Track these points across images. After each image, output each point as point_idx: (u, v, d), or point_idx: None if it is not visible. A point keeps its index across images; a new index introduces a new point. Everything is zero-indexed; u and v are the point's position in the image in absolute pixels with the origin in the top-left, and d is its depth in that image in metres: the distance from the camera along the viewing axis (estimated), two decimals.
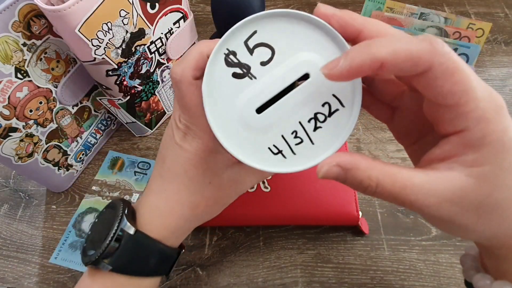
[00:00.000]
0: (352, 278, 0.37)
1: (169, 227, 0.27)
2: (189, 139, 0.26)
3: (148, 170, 0.45)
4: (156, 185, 0.28)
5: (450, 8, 0.64)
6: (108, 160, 0.46)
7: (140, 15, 0.35)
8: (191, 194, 0.27)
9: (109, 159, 0.46)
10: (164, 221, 0.27)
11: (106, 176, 0.45)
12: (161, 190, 0.27)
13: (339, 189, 0.38)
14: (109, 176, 0.44)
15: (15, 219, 0.42)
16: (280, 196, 0.38)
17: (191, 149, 0.26)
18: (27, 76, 0.33)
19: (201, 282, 0.37)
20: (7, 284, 0.38)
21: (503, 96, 0.52)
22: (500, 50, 0.57)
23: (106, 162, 0.46)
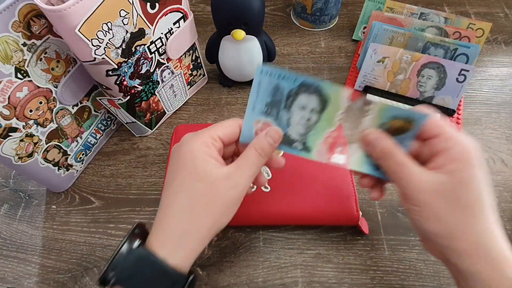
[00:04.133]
0: (352, 278, 0.37)
1: (170, 234, 0.27)
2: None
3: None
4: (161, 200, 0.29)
5: (450, 8, 0.64)
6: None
7: (140, 15, 0.35)
8: (185, 193, 0.27)
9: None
10: (166, 228, 0.27)
11: None
12: (161, 200, 0.28)
13: (339, 189, 0.39)
14: None
15: (15, 219, 0.42)
16: (280, 196, 0.38)
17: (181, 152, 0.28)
18: (27, 76, 0.33)
19: (201, 282, 0.37)
20: (7, 284, 0.38)
21: (503, 96, 0.53)
22: (500, 50, 0.57)
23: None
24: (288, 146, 0.29)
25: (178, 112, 0.51)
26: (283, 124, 0.29)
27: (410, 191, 0.26)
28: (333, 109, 0.28)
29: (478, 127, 0.48)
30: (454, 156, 0.25)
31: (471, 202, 0.25)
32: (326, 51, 0.58)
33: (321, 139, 0.29)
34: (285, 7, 0.65)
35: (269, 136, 0.28)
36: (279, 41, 0.59)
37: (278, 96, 0.28)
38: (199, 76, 0.51)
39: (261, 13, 0.42)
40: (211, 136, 0.28)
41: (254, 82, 0.28)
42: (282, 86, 0.28)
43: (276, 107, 0.28)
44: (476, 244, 0.24)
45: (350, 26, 0.61)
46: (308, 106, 0.28)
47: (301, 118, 0.28)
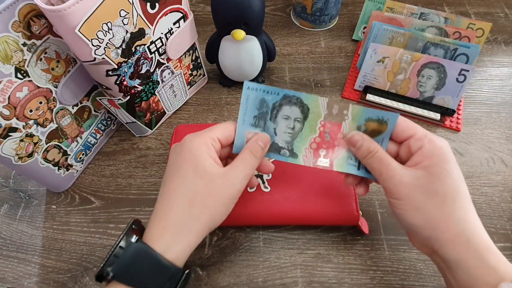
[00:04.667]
0: (352, 278, 0.37)
1: (168, 226, 0.28)
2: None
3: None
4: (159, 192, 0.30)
5: (450, 8, 0.64)
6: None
7: (140, 15, 0.35)
8: (185, 188, 0.28)
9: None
10: (163, 220, 0.28)
11: None
12: (160, 195, 0.30)
13: (339, 189, 0.39)
14: None
15: (15, 219, 0.42)
16: (280, 196, 0.38)
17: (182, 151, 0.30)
18: (27, 76, 0.33)
19: (201, 282, 0.37)
20: (7, 284, 0.38)
21: (503, 96, 0.53)
22: (500, 50, 0.57)
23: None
24: (277, 154, 0.32)
25: (178, 112, 0.51)
26: (270, 133, 0.32)
27: (392, 186, 0.28)
28: (315, 117, 0.31)
29: (478, 127, 0.48)
30: (428, 153, 0.28)
31: (448, 194, 0.27)
32: (326, 51, 0.58)
33: (306, 145, 0.32)
34: (285, 7, 0.65)
35: (260, 140, 0.31)
36: (279, 41, 0.59)
37: (264, 108, 0.31)
38: (199, 76, 0.51)
39: (261, 13, 0.42)
40: (211, 137, 0.30)
41: (242, 97, 0.31)
42: (267, 100, 0.31)
43: (263, 119, 0.31)
44: (457, 232, 0.26)
45: (350, 26, 0.61)
46: (292, 116, 0.31)
47: (286, 127, 0.32)
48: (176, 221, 0.28)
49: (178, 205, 0.28)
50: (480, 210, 0.41)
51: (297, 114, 0.31)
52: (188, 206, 0.28)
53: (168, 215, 0.28)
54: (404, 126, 0.30)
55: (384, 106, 0.50)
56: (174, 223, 0.28)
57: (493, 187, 0.43)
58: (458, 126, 0.48)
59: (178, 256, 0.27)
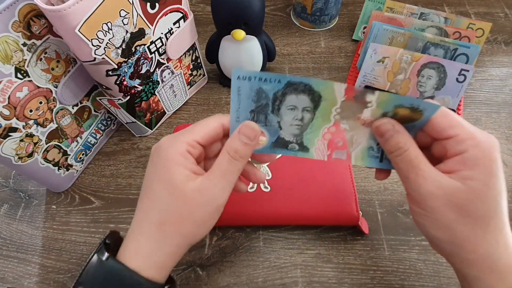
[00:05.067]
0: (352, 278, 0.37)
1: (139, 250, 0.26)
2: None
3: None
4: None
5: (450, 8, 0.64)
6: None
7: (140, 15, 0.35)
8: (155, 211, 0.26)
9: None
10: (134, 243, 0.26)
11: None
12: (135, 212, 0.28)
13: (339, 189, 0.39)
14: None
15: (15, 219, 0.42)
16: (280, 196, 0.38)
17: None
18: (27, 76, 0.33)
19: (201, 282, 0.37)
20: (7, 284, 0.38)
21: (503, 96, 0.53)
22: (500, 50, 0.57)
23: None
24: (285, 149, 0.28)
25: (178, 112, 0.51)
26: (274, 128, 0.27)
27: (418, 195, 0.24)
28: (329, 105, 0.26)
29: (478, 127, 0.48)
30: (471, 162, 0.23)
31: (485, 216, 0.23)
32: (326, 51, 0.58)
33: (318, 136, 0.27)
34: (285, 7, 0.65)
35: (242, 133, 0.26)
36: (279, 41, 0.59)
37: (263, 100, 0.26)
38: (199, 76, 0.51)
39: (261, 13, 0.42)
40: (189, 143, 0.26)
41: (232, 90, 0.26)
42: (265, 89, 0.25)
43: (263, 113, 0.27)
44: (485, 256, 0.24)
45: (350, 26, 0.61)
46: (299, 106, 0.26)
47: (293, 118, 0.27)
48: (147, 246, 0.26)
49: (147, 229, 0.26)
50: None
51: (305, 103, 0.26)
52: (158, 230, 0.26)
53: (139, 238, 0.26)
54: (445, 123, 0.24)
55: None
56: (145, 248, 0.26)
57: None
58: None
59: (152, 275, 0.26)
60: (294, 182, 0.39)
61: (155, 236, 0.26)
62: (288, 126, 0.27)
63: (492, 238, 0.23)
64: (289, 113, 0.27)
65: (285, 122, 0.27)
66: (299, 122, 0.27)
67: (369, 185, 0.43)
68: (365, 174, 0.44)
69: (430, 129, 0.25)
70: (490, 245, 0.23)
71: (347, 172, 0.40)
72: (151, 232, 0.26)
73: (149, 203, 0.26)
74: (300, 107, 0.26)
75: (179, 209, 0.25)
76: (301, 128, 0.27)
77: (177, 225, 0.26)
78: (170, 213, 0.26)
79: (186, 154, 0.26)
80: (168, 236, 0.26)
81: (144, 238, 0.26)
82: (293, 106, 0.26)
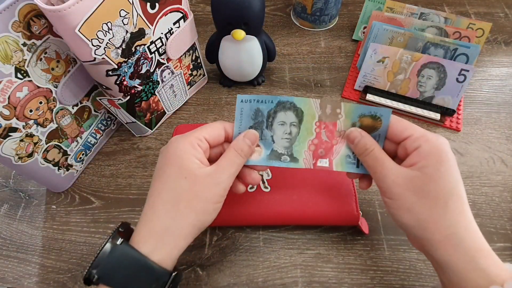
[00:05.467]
0: (352, 278, 0.37)
1: (153, 229, 0.28)
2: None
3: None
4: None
5: (450, 8, 0.64)
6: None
7: (140, 15, 0.35)
8: (168, 191, 0.28)
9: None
10: (148, 224, 0.28)
11: None
12: (147, 198, 0.30)
13: (339, 189, 0.39)
14: None
15: (15, 219, 0.42)
16: (280, 196, 0.38)
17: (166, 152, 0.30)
18: (27, 76, 0.33)
19: (201, 282, 0.37)
20: (7, 284, 0.38)
21: (503, 96, 0.53)
22: (500, 50, 0.57)
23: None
24: (278, 161, 0.32)
25: (178, 112, 0.51)
26: (268, 141, 0.32)
27: (385, 185, 0.28)
28: (309, 119, 0.31)
29: (478, 127, 0.48)
30: (424, 153, 0.27)
31: (441, 195, 0.26)
32: (326, 51, 0.58)
33: (305, 147, 0.32)
34: (285, 7, 0.65)
35: (247, 138, 0.31)
36: (279, 41, 0.59)
37: (259, 118, 0.32)
38: (199, 76, 0.51)
39: (261, 13, 0.42)
40: (197, 137, 0.30)
41: (236, 110, 0.32)
42: (261, 109, 0.31)
43: (260, 128, 0.32)
44: (447, 235, 0.26)
45: (350, 26, 0.61)
46: (287, 121, 0.32)
47: (283, 133, 0.32)
48: (161, 224, 0.28)
49: (162, 208, 0.28)
50: (480, 210, 0.41)
51: (292, 119, 0.31)
52: (173, 209, 0.28)
53: (153, 218, 0.28)
54: (400, 127, 0.29)
55: (384, 106, 0.50)
56: (158, 227, 0.28)
57: (493, 187, 0.43)
58: (458, 126, 0.48)
59: (164, 258, 0.27)
60: (294, 182, 0.39)
61: (171, 213, 0.28)
62: (279, 140, 0.32)
63: (452, 218, 0.26)
64: (280, 128, 0.32)
65: (277, 136, 0.32)
66: (288, 136, 0.32)
67: None
68: None
69: (391, 135, 0.30)
70: (451, 225, 0.26)
71: None
72: (166, 210, 0.28)
73: (162, 185, 0.29)
74: (288, 122, 0.32)
75: (191, 187, 0.28)
76: (290, 141, 0.32)
77: (190, 201, 0.28)
78: (184, 192, 0.28)
79: (195, 145, 0.29)
80: (182, 213, 0.28)
81: (157, 217, 0.28)
82: (283, 121, 0.32)
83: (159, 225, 0.28)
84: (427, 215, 0.27)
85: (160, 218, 0.28)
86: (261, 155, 0.32)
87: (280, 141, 0.32)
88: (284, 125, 0.32)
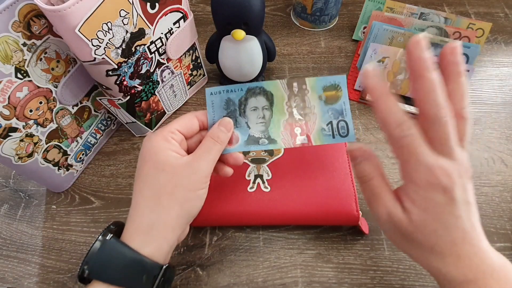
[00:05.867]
0: (352, 278, 0.37)
1: (139, 226, 0.28)
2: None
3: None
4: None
5: (450, 8, 0.64)
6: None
7: (140, 15, 0.35)
8: (149, 187, 0.29)
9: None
10: (134, 222, 0.28)
11: None
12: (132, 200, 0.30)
13: (339, 189, 0.38)
14: None
15: (15, 219, 0.42)
16: (280, 196, 0.38)
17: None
18: (27, 76, 0.33)
19: (201, 282, 0.37)
20: (7, 284, 0.38)
21: (503, 96, 0.53)
22: (500, 50, 0.57)
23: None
24: (257, 144, 0.33)
25: (178, 112, 0.51)
26: (244, 128, 0.33)
27: (377, 218, 0.28)
28: (279, 100, 0.32)
29: (478, 127, 0.48)
30: (409, 196, 0.25)
31: (425, 244, 0.26)
32: (326, 51, 0.58)
33: (280, 128, 0.33)
34: (285, 7, 0.65)
35: (222, 126, 0.31)
36: (279, 41, 0.59)
37: (231, 107, 0.32)
38: (199, 76, 0.52)
39: (261, 13, 0.42)
40: (169, 130, 0.30)
41: (207, 103, 0.32)
42: (232, 98, 0.32)
43: (233, 116, 0.32)
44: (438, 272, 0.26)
45: (350, 26, 0.61)
46: (259, 106, 0.32)
47: (257, 117, 0.32)
48: (145, 220, 0.28)
49: (144, 205, 0.28)
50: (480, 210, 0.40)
51: (263, 103, 0.32)
52: (155, 204, 0.28)
53: (137, 216, 0.28)
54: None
55: None
56: (143, 223, 0.28)
57: (493, 187, 0.43)
58: None
59: (153, 252, 0.28)
60: (294, 182, 0.39)
61: (154, 208, 0.28)
62: (254, 125, 0.33)
63: (438, 261, 0.25)
64: (253, 113, 0.32)
65: (252, 122, 0.33)
66: (262, 120, 0.33)
67: None
68: None
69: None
70: (438, 265, 0.26)
71: (347, 172, 0.40)
72: (149, 206, 0.28)
73: (142, 183, 0.29)
74: (260, 106, 0.32)
75: (171, 179, 0.28)
76: (265, 125, 0.33)
77: (172, 193, 0.28)
78: (164, 185, 0.28)
79: (169, 139, 0.30)
80: (165, 206, 0.28)
81: (142, 214, 0.28)
82: (255, 107, 0.32)
83: (144, 222, 0.28)
84: (415, 254, 0.27)
85: (143, 215, 0.28)
86: (238, 142, 0.33)
87: (255, 126, 0.33)
88: (256, 110, 0.32)
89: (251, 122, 0.32)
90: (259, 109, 0.32)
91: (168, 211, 0.28)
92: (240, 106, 0.32)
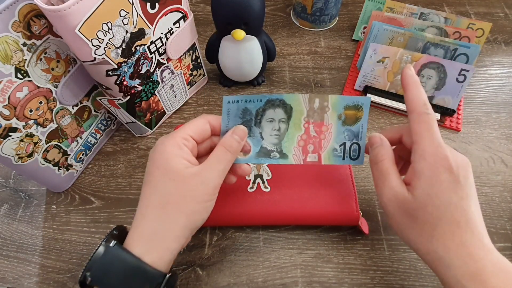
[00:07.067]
0: (352, 278, 0.37)
1: (143, 233, 0.28)
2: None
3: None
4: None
5: (450, 8, 0.64)
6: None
7: (140, 15, 0.35)
8: (157, 194, 0.28)
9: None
10: (138, 228, 0.28)
11: None
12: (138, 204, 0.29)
13: (339, 189, 0.39)
14: None
15: (15, 219, 0.42)
16: (280, 196, 0.38)
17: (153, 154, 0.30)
18: (27, 76, 0.33)
19: (201, 282, 0.37)
20: (7, 284, 0.38)
21: (503, 96, 0.53)
22: (500, 50, 0.57)
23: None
24: (267, 158, 0.32)
25: (178, 112, 0.51)
26: (257, 138, 0.32)
27: (381, 201, 0.29)
28: (298, 115, 0.32)
29: (478, 127, 0.48)
30: (417, 173, 0.27)
31: (428, 222, 0.27)
32: (326, 51, 0.58)
33: (294, 143, 0.32)
34: (285, 7, 0.65)
35: (235, 134, 0.31)
36: (279, 41, 0.59)
37: (248, 116, 0.32)
38: (199, 76, 0.52)
39: (261, 13, 0.42)
40: (182, 136, 0.30)
41: (223, 110, 0.31)
42: (249, 108, 0.31)
43: (248, 125, 0.32)
44: (437, 258, 0.26)
45: (350, 26, 0.61)
46: (276, 118, 0.32)
47: (272, 129, 0.32)
48: (150, 228, 0.28)
49: (151, 213, 0.28)
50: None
51: (281, 115, 0.32)
52: (161, 212, 0.28)
53: (142, 223, 0.28)
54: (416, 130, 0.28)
55: (384, 106, 0.50)
56: (147, 231, 0.28)
57: (493, 187, 0.43)
58: (458, 126, 0.48)
59: (155, 260, 0.27)
60: (294, 182, 0.39)
61: (159, 216, 0.28)
62: (268, 136, 0.32)
63: (439, 243, 0.26)
64: (268, 124, 0.32)
65: (266, 133, 0.32)
66: (276, 132, 0.32)
67: (369, 185, 0.43)
68: (365, 174, 0.44)
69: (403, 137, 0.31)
70: (438, 250, 0.26)
71: (347, 172, 0.40)
72: (155, 214, 0.28)
73: (151, 189, 0.29)
74: (277, 118, 0.32)
75: (179, 189, 0.28)
76: (279, 137, 0.32)
77: (179, 204, 0.28)
78: (172, 194, 0.28)
79: (181, 145, 0.29)
80: (171, 215, 0.28)
81: (147, 221, 0.28)
82: (272, 118, 0.32)
83: (148, 229, 0.28)
84: (416, 238, 0.28)
85: (148, 222, 0.28)
86: (250, 153, 0.32)
87: (269, 137, 0.32)
88: (272, 122, 0.32)
89: (265, 133, 0.32)
90: (275, 121, 0.32)
91: (173, 221, 0.28)
92: (256, 116, 0.32)
